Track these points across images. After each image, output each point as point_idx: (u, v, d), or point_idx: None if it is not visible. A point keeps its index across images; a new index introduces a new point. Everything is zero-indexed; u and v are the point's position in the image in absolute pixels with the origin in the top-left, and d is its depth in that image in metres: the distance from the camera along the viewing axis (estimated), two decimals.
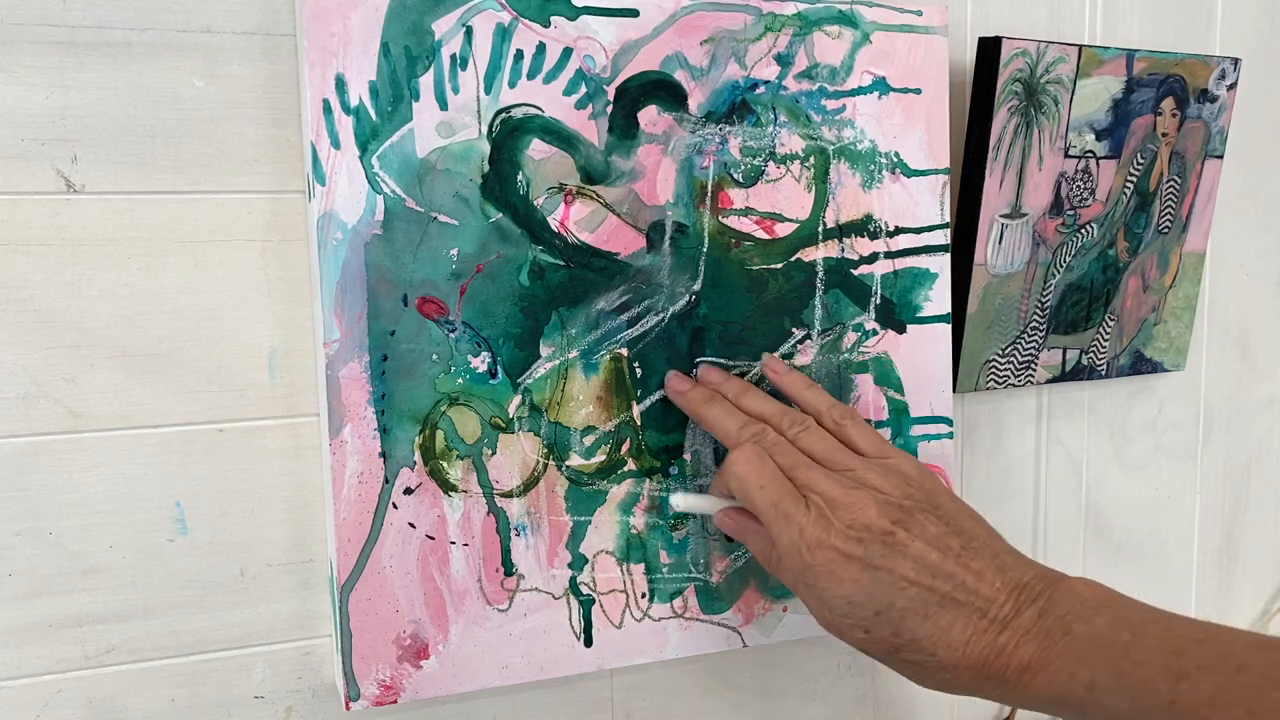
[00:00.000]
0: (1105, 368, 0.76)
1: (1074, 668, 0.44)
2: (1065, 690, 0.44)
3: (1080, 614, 0.45)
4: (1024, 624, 0.45)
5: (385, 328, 0.52)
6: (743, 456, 0.50)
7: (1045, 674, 0.44)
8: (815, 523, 0.47)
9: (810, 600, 0.48)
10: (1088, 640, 0.44)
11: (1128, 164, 0.72)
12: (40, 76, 0.49)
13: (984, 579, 0.46)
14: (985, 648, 0.45)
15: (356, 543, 0.52)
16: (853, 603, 0.46)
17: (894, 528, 0.47)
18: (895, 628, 0.46)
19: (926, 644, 0.46)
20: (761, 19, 0.57)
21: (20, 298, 0.50)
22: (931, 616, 0.46)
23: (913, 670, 0.47)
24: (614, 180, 0.55)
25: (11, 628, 0.51)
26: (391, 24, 0.50)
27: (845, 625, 0.47)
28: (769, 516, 0.49)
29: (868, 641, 0.47)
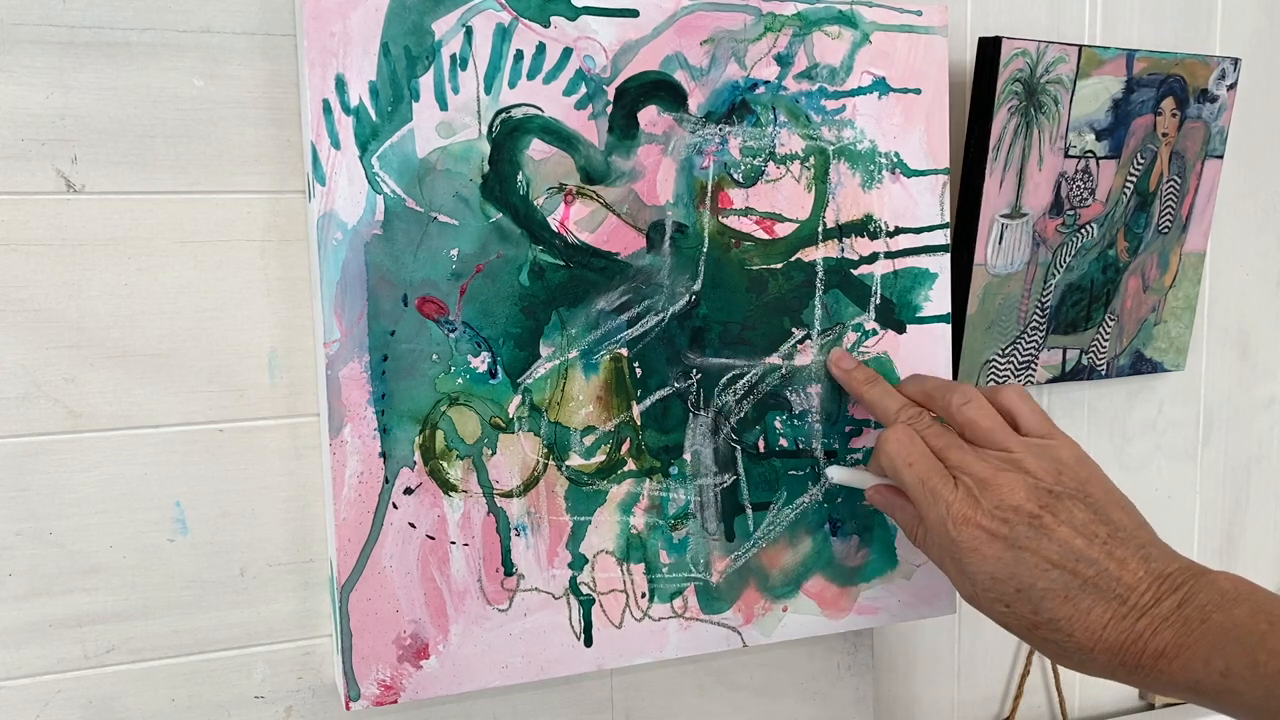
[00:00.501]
0: (1105, 368, 0.76)
1: (1209, 654, 0.44)
2: (1200, 677, 0.44)
3: (1219, 604, 0.45)
4: (1163, 612, 0.46)
5: (385, 328, 0.52)
6: (894, 435, 0.52)
7: (1180, 660, 0.45)
8: (963, 500, 0.49)
9: (954, 574, 0.50)
10: (1225, 629, 0.44)
11: (1128, 164, 0.72)
12: (40, 76, 0.49)
13: (1127, 567, 0.47)
14: (1123, 633, 0.46)
15: (356, 543, 0.52)
16: (996, 579, 0.48)
17: (1041, 512, 0.48)
18: (1035, 606, 0.47)
19: (1065, 625, 0.47)
20: (761, 19, 0.57)
21: (20, 298, 0.50)
22: (1072, 599, 0.47)
23: (1050, 649, 0.48)
24: (614, 180, 0.55)
25: (11, 628, 0.51)
26: (391, 24, 0.50)
27: (987, 599, 0.49)
28: (917, 493, 0.50)
29: (1007, 616, 0.49)
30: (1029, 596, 0.47)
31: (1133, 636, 0.46)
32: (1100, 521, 0.48)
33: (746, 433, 0.59)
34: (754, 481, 0.60)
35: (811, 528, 0.61)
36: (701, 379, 0.58)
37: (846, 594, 0.62)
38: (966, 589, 0.50)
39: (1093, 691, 0.83)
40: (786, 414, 0.60)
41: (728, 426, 0.59)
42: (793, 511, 0.60)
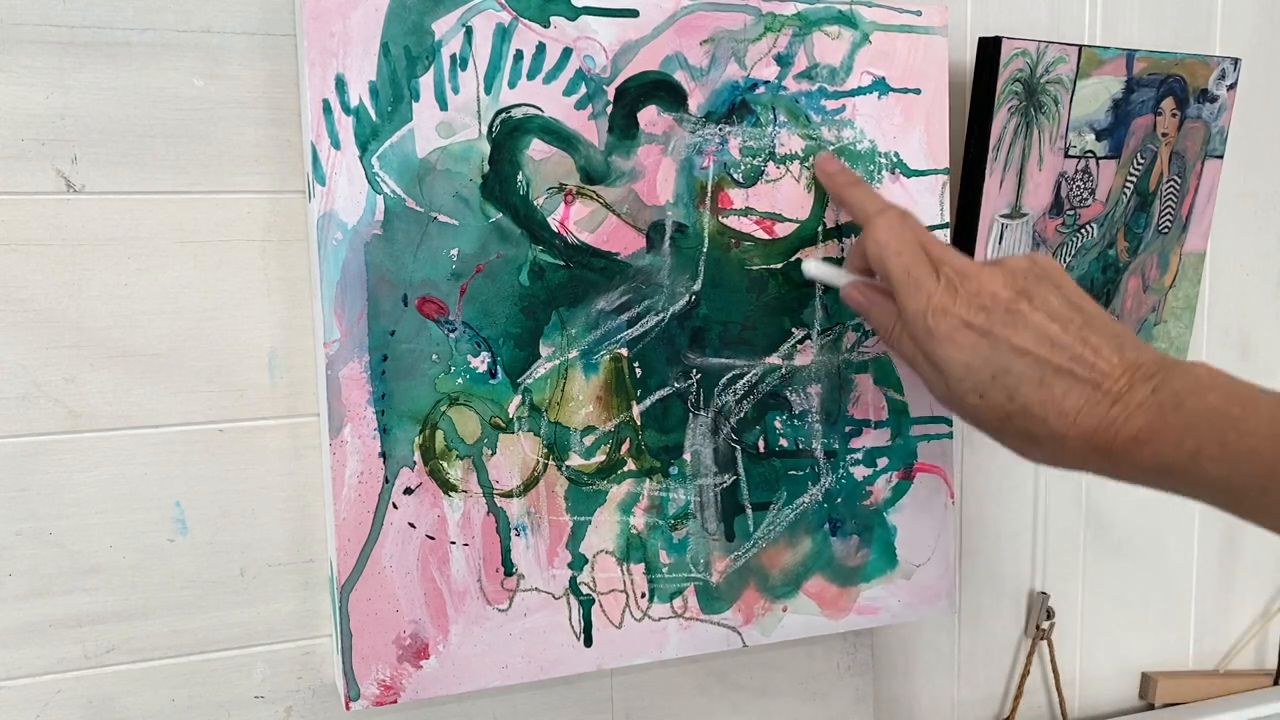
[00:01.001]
0: None
1: (1181, 437, 0.44)
2: (1171, 459, 0.44)
3: (1193, 390, 0.45)
4: (1136, 398, 0.46)
5: (385, 328, 0.52)
6: (885, 222, 0.51)
7: (1153, 444, 0.45)
8: (943, 291, 0.49)
9: (927, 369, 0.50)
10: (1199, 412, 0.44)
11: (1128, 164, 0.72)
12: (40, 76, 0.49)
13: (1101, 354, 0.47)
14: (1097, 419, 0.46)
15: (356, 543, 0.52)
16: (970, 368, 0.48)
17: (1018, 298, 0.48)
18: (1010, 393, 0.47)
19: (1038, 410, 0.47)
20: (761, 19, 0.57)
21: (20, 298, 0.50)
22: (1046, 384, 0.47)
23: (1023, 440, 0.48)
24: (614, 180, 0.55)
25: (11, 628, 0.51)
26: (391, 24, 0.50)
27: (960, 390, 0.48)
28: (900, 281, 0.50)
29: (980, 408, 0.48)
30: (1003, 383, 0.47)
31: (1106, 422, 0.46)
32: (1075, 309, 0.48)
33: (746, 433, 0.59)
34: (754, 481, 0.60)
35: (811, 528, 0.61)
36: (701, 379, 0.58)
37: (846, 594, 0.62)
38: (939, 384, 0.50)
39: (1093, 691, 0.83)
40: (786, 414, 0.60)
41: (728, 426, 0.59)
42: (793, 511, 0.60)
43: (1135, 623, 0.84)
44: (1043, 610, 0.79)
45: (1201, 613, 0.87)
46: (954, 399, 0.49)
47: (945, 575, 0.64)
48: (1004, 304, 0.48)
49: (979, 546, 0.77)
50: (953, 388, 0.49)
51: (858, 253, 0.54)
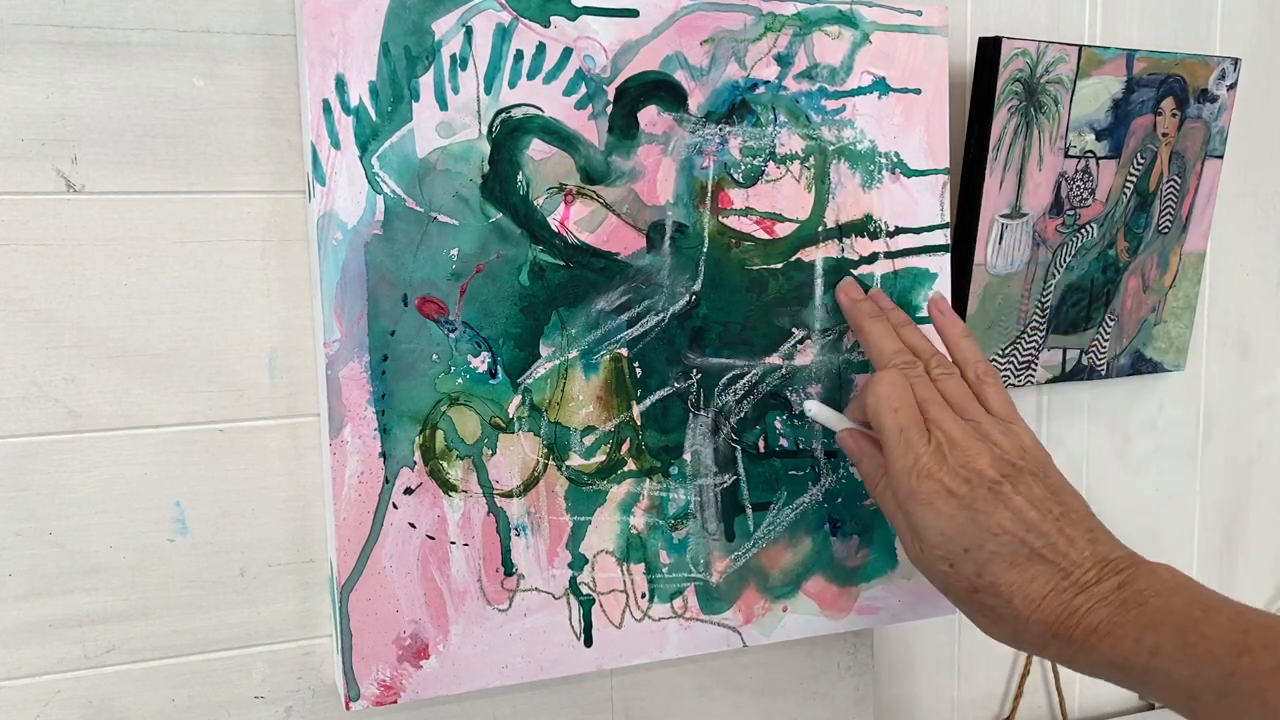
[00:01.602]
0: (1105, 368, 0.76)
1: (1141, 634, 0.45)
2: (1130, 654, 0.45)
3: (1158, 591, 0.46)
4: (1102, 591, 0.47)
5: (385, 328, 0.52)
6: (888, 378, 0.53)
7: (1112, 638, 0.46)
8: (932, 456, 0.50)
9: (904, 528, 0.51)
10: (1160, 612, 0.46)
11: (1128, 164, 0.72)
12: (40, 76, 0.49)
13: (1074, 545, 0.48)
14: (1061, 606, 0.47)
15: (356, 543, 0.52)
16: (945, 535, 0.49)
17: (1002, 480, 0.49)
18: (980, 568, 0.48)
19: (1005, 591, 0.48)
20: (761, 19, 0.57)
21: (20, 298, 0.50)
22: (1017, 566, 0.48)
23: (985, 616, 0.49)
24: (614, 180, 0.55)
25: (11, 628, 0.51)
26: (391, 24, 0.50)
27: (931, 556, 0.49)
28: (892, 439, 0.51)
29: (949, 576, 0.49)
30: (975, 558, 0.48)
31: (1069, 610, 0.47)
32: (1055, 501, 0.49)
33: (746, 433, 0.59)
34: (754, 481, 0.60)
35: (811, 528, 0.61)
36: (701, 379, 0.58)
37: (846, 594, 0.62)
38: (913, 545, 0.51)
39: (1093, 691, 0.83)
40: (786, 414, 0.60)
41: (728, 426, 0.59)
42: (793, 511, 0.60)
43: None
44: None
45: None
46: (925, 562, 0.50)
47: None
48: (988, 482, 0.49)
49: None
50: (925, 552, 0.50)
51: (859, 402, 0.55)
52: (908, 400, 0.52)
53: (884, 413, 0.52)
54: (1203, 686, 0.43)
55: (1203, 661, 0.44)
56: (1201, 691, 0.43)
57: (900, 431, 0.51)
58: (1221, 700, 0.43)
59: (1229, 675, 0.43)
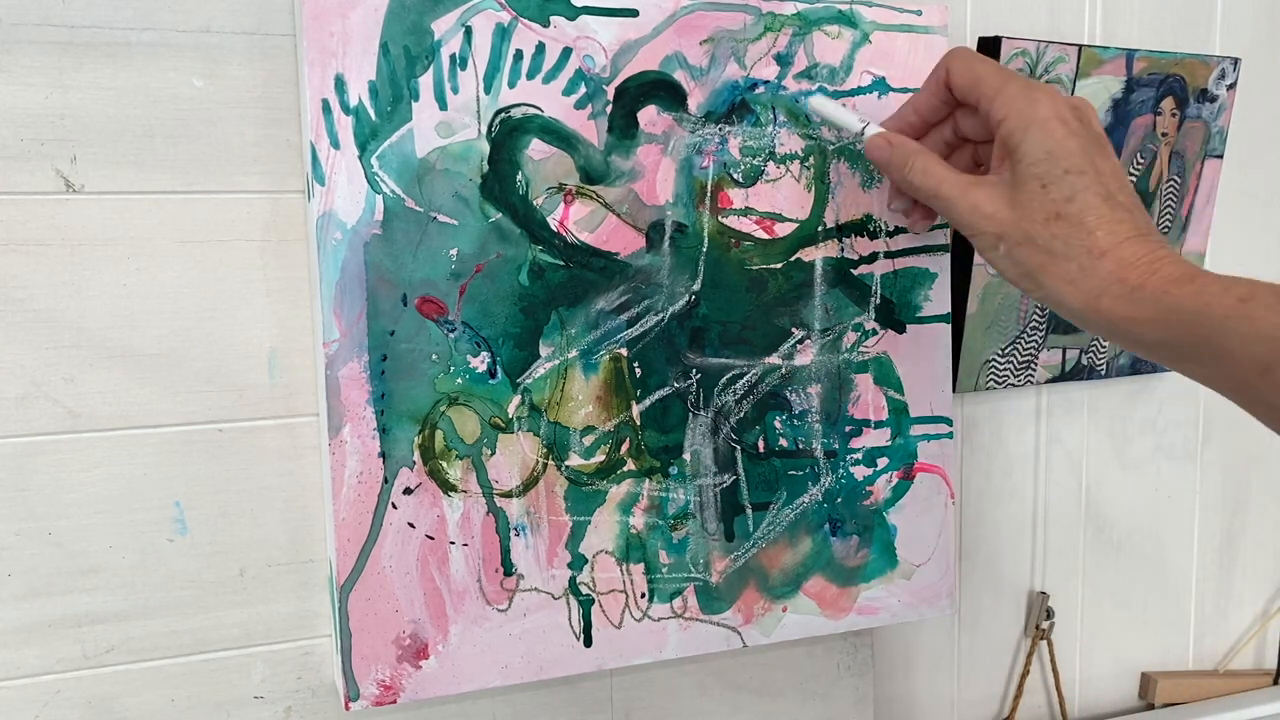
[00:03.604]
0: (1105, 368, 0.76)
1: (1230, 284, 0.43)
2: (1213, 300, 0.43)
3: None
4: (1184, 260, 0.46)
5: (385, 328, 0.52)
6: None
7: (1196, 284, 0.44)
8: (1048, 89, 0.49)
9: (1009, 141, 0.49)
10: (1249, 280, 0.44)
11: (1128, 164, 0.72)
12: (40, 76, 0.49)
13: (1154, 226, 0.48)
14: (1145, 250, 0.46)
15: (356, 543, 0.52)
16: (1051, 155, 0.47)
17: (1108, 142, 0.49)
18: (1073, 193, 0.47)
19: (1092, 220, 0.47)
20: (761, 19, 0.57)
21: (19, 298, 0.50)
22: (1109, 203, 0.47)
23: (1053, 249, 0.47)
24: (613, 180, 0.55)
25: (11, 628, 0.51)
26: (391, 24, 0.50)
27: (1029, 175, 0.48)
28: (998, 74, 0.50)
29: (1038, 197, 0.48)
30: (1072, 183, 0.47)
31: (1152, 256, 0.46)
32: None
33: (746, 433, 0.59)
34: (754, 481, 0.60)
35: (811, 528, 0.61)
36: (701, 379, 0.58)
37: (846, 594, 0.62)
38: (1006, 173, 0.49)
39: (1092, 691, 0.83)
40: (786, 414, 0.60)
41: (727, 426, 0.59)
42: (792, 511, 0.60)
43: (1135, 623, 0.84)
44: (1042, 610, 0.79)
45: (1201, 613, 0.87)
46: (1017, 180, 0.48)
47: (945, 575, 0.64)
48: (1098, 133, 0.49)
49: (979, 546, 0.77)
50: (1022, 170, 0.48)
51: (927, 92, 0.53)
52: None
53: (975, 59, 0.50)
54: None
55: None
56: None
57: (1003, 68, 0.50)
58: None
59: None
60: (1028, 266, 0.48)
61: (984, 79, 0.50)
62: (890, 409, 0.62)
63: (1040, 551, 0.79)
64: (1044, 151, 0.48)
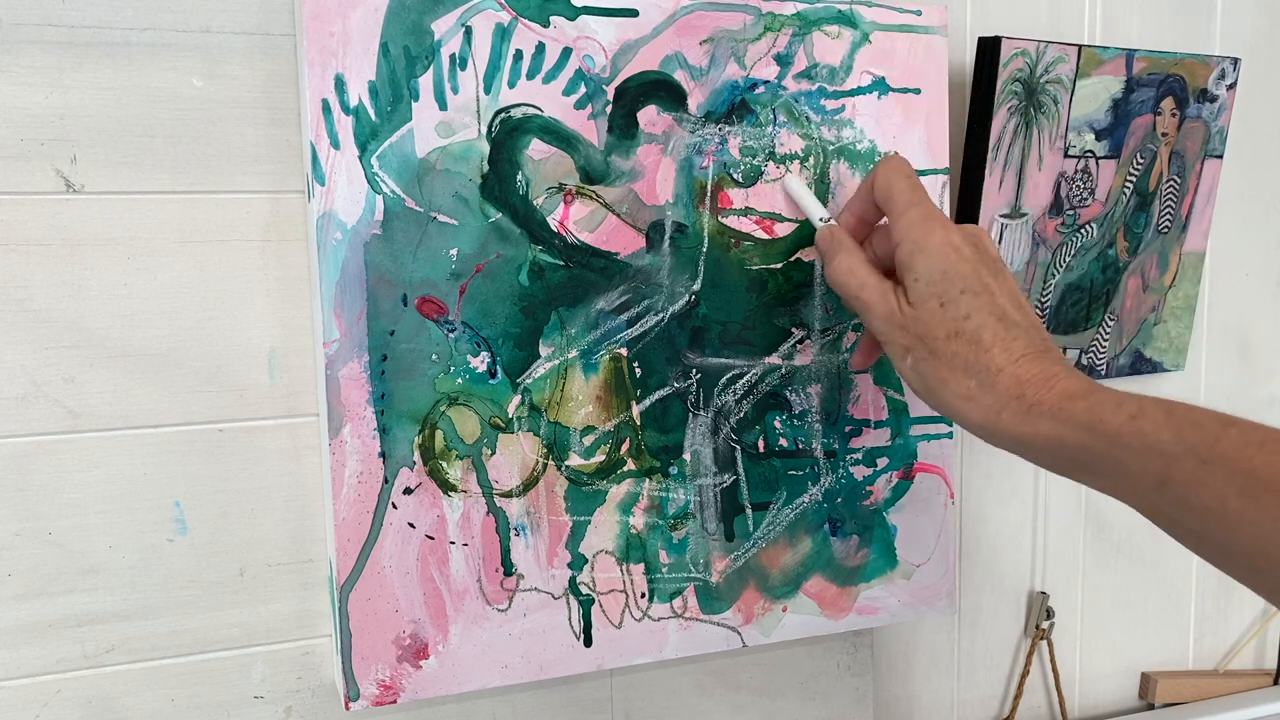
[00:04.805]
0: (1105, 367, 0.76)
1: (1122, 401, 0.45)
2: (1106, 417, 0.44)
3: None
4: (1079, 373, 0.47)
5: (385, 328, 0.52)
6: (892, 160, 0.53)
7: (1089, 401, 0.45)
8: (944, 220, 0.51)
9: (905, 262, 0.51)
10: (1141, 396, 0.45)
11: (1127, 164, 0.72)
12: (40, 76, 0.49)
13: (1052, 341, 0.50)
14: (1039, 367, 0.47)
15: (356, 543, 0.52)
16: (947, 276, 0.49)
17: (1004, 265, 0.51)
18: (970, 312, 0.49)
19: (988, 338, 0.48)
20: (761, 19, 0.57)
21: (19, 298, 0.50)
22: (1004, 323, 0.49)
23: (954, 364, 0.49)
24: (613, 180, 0.55)
25: (11, 628, 0.51)
26: (391, 24, 0.50)
27: (926, 294, 0.49)
28: (908, 193, 0.51)
29: (936, 316, 0.49)
30: (968, 302, 0.49)
31: (1047, 373, 0.47)
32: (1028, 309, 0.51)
33: (746, 433, 0.59)
34: (754, 481, 0.60)
35: (811, 528, 0.61)
36: (701, 379, 0.58)
37: (846, 594, 0.62)
38: (908, 288, 0.50)
39: (1092, 691, 0.83)
40: (786, 414, 0.60)
41: (727, 426, 0.59)
42: (792, 511, 0.60)
43: (1135, 623, 0.84)
44: (1042, 610, 0.79)
45: (1201, 613, 0.87)
46: (916, 299, 0.50)
47: (945, 575, 0.64)
48: (993, 257, 0.51)
49: (979, 546, 0.77)
50: (920, 289, 0.50)
51: (859, 196, 0.55)
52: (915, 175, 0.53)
53: (898, 173, 0.52)
54: (1184, 451, 0.41)
55: (1187, 429, 0.42)
56: (1182, 456, 0.41)
57: (915, 189, 0.52)
58: (1202, 468, 0.41)
59: (1215, 442, 0.41)
60: (931, 381, 0.50)
61: (894, 197, 0.52)
62: (890, 409, 0.62)
63: (1040, 551, 0.79)
64: (939, 272, 0.49)
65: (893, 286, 0.52)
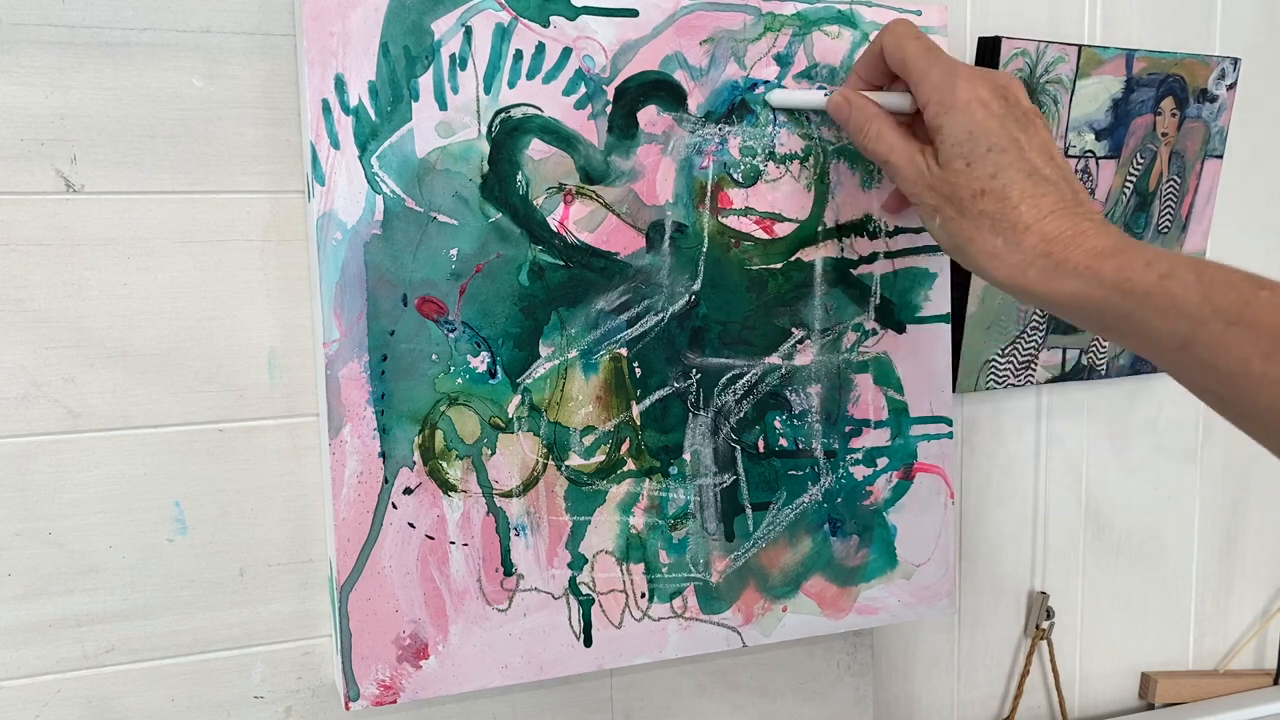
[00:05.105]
0: (1105, 368, 0.76)
1: (1152, 259, 0.43)
2: (1136, 275, 0.43)
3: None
4: (1110, 229, 0.46)
5: (385, 328, 0.52)
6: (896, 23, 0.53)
7: (1119, 259, 0.44)
8: (970, 71, 0.50)
9: (933, 123, 0.50)
10: (1172, 254, 0.44)
11: (1127, 164, 0.72)
12: (40, 76, 0.49)
13: (1085, 193, 0.48)
14: (1068, 223, 0.46)
15: (356, 543, 0.52)
16: (972, 135, 0.48)
17: (1035, 115, 0.50)
18: (996, 170, 0.48)
19: (1015, 195, 0.47)
20: (761, 19, 0.57)
21: (20, 298, 0.50)
22: (1032, 179, 0.47)
23: (979, 223, 0.48)
24: (613, 180, 0.55)
25: (11, 628, 0.51)
26: (391, 24, 0.50)
27: (951, 155, 0.49)
28: (923, 56, 0.50)
29: (961, 176, 0.49)
30: (994, 159, 0.48)
31: (1076, 230, 0.46)
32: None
33: (746, 433, 0.59)
34: (754, 481, 0.60)
35: (811, 528, 0.61)
36: (701, 379, 0.58)
37: (846, 594, 0.62)
38: (934, 151, 0.50)
39: (1092, 691, 0.83)
40: (786, 414, 0.60)
41: (727, 426, 0.59)
42: (792, 511, 0.60)
43: (1135, 623, 0.84)
44: (1042, 610, 0.79)
45: (1201, 613, 0.87)
46: (942, 159, 0.49)
47: (945, 575, 0.64)
48: (1023, 109, 0.50)
49: (979, 546, 0.77)
50: (947, 150, 0.49)
51: (866, 64, 0.54)
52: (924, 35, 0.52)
53: (906, 37, 0.51)
54: (1211, 313, 0.41)
55: (1218, 289, 0.41)
56: (1209, 319, 0.41)
57: (930, 49, 0.51)
58: (1229, 330, 0.40)
59: (1244, 305, 0.40)
60: (959, 239, 0.49)
61: (910, 60, 0.51)
62: (890, 409, 0.62)
63: (1040, 551, 0.79)
64: (965, 132, 0.49)
65: (920, 148, 0.51)
